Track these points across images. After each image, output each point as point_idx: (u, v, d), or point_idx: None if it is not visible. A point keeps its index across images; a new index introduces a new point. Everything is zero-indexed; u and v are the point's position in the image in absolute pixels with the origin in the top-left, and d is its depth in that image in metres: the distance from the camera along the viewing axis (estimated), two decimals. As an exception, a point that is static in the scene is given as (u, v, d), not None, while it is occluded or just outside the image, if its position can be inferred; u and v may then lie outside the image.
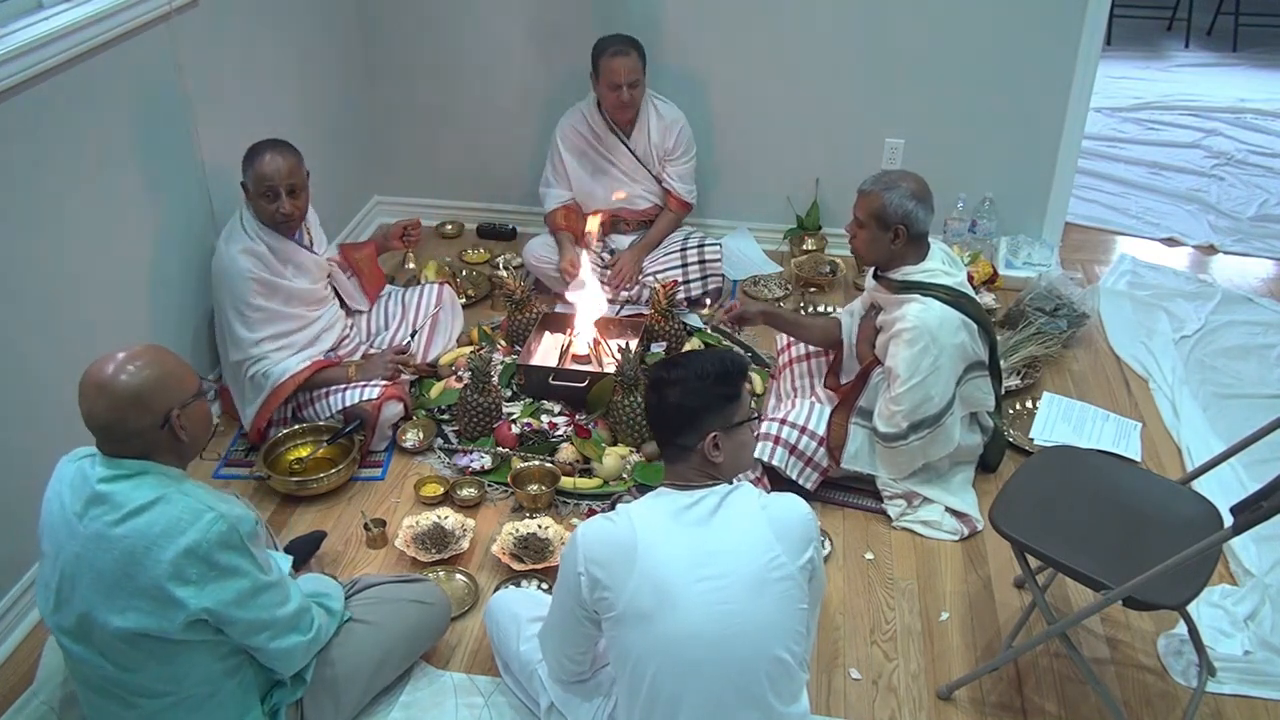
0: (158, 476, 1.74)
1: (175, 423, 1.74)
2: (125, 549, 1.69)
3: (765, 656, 1.70)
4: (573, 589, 1.75)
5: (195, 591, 1.71)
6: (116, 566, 1.70)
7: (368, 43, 3.89)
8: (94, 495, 1.72)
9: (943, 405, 2.58)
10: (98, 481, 1.72)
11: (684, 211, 3.64)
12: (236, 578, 1.74)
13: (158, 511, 1.70)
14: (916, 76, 3.66)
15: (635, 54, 3.33)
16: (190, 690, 1.81)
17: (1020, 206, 3.84)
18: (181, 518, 1.70)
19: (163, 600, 1.70)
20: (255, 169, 2.77)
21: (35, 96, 2.31)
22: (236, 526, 1.74)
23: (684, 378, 1.78)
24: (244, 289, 2.79)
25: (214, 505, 1.74)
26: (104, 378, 1.70)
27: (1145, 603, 1.90)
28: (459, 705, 2.18)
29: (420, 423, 3.00)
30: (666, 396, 1.79)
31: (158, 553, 1.69)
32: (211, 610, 1.73)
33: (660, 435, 1.84)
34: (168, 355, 1.79)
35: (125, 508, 1.70)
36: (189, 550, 1.69)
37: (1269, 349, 3.43)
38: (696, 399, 1.77)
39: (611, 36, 3.36)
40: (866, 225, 2.59)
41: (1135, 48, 6.30)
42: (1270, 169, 4.72)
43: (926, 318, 2.54)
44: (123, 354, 1.74)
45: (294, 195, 2.81)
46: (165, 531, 1.69)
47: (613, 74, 3.32)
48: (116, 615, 1.72)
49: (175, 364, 1.78)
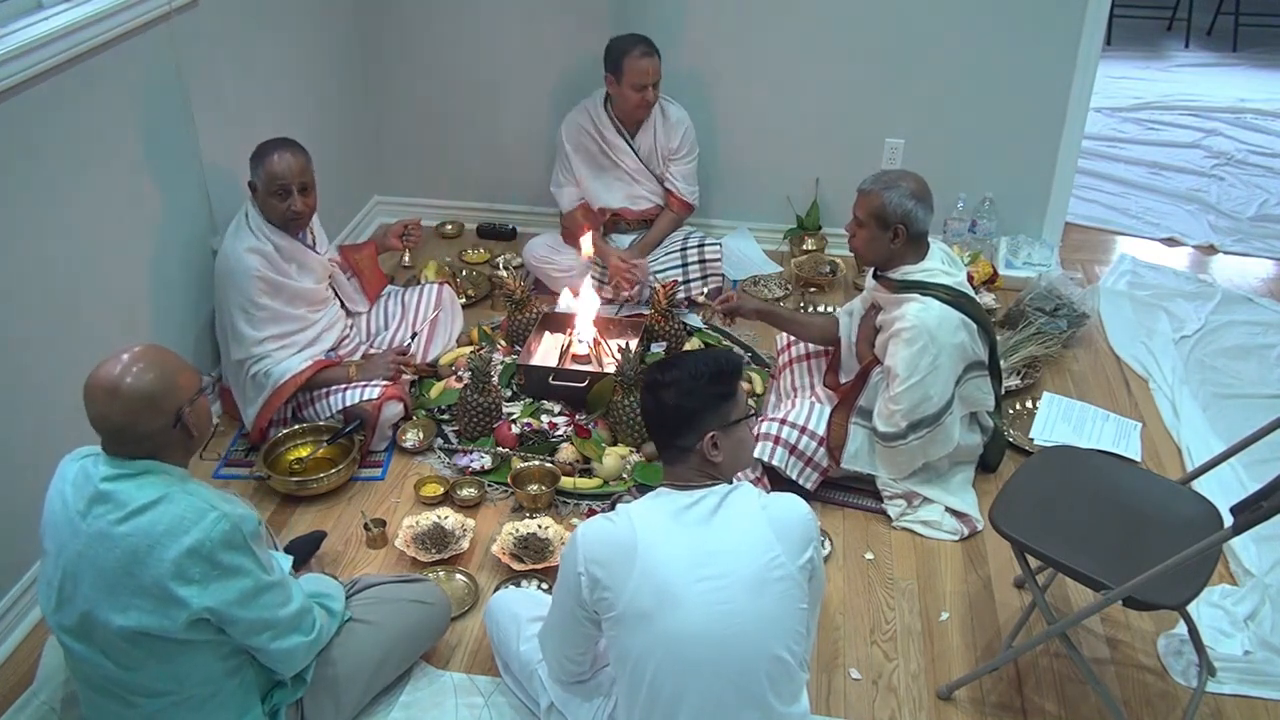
0: (161, 475, 1.74)
1: (187, 420, 1.75)
2: (128, 547, 1.69)
3: (765, 656, 1.70)
4: (573, 589, 1.75)
5: (198, 591, 1.71)
6: (119, 565, 1.70)
7: (367, 42, 3.89)
8: (97, 494, 1.72)
9: (941, 405, 2.58)
10: (101, 480, 1.72)
11: (685, 212, 3.64)
12: (239, 577, 1.74)
13: (161, 510, 1.70)
14: (916, 76, 3.66)
15: (657, 55, 3.34)
16: (191, 690, 1.81)
17: (1020, 206, 3.84)
18: (185, 516, 1.70)
19: (165, 599, 1.70)
20: (266, 168, 2.76)
21: (35, 96, 2.31)
22: (240, 526, 1.74)
23: (679, 379, 1.77)
24: (250, 287, 2.79)
25: (217, 504, 1.74)
26: (113, 382, 1.70)
27: (1145, 603, 1.90)
28: (459, 705, 2.18)
29: (420, 423, 3.00)
30: (663, 399, 1.78)
31: (161, 551, 1.69)
32: (214, 609, 1.73)
33: (658, 438, 1.83)
34: (168, 354, 1.79)
35: (128, 506, 1.70)
36: (192, 549, 1.69)
37: (1269, 349, 3.43)
38: (693, 400, 1.76)
39: (632, 37, 3.34)
40: (866, 224, 2.59)
41: (1135, 48, 6.30)
42: (1270, 169, 4.72)
43: (925, 317, 2.54)
44: (126, 356, 1.73)
45: (305, 193, 2.82)
46: (168, 530, 1.69)
47: (641, 75, 3.31)
48: (118, 614, 1.72)
49: (177, 362, 1.79)
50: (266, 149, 2.79)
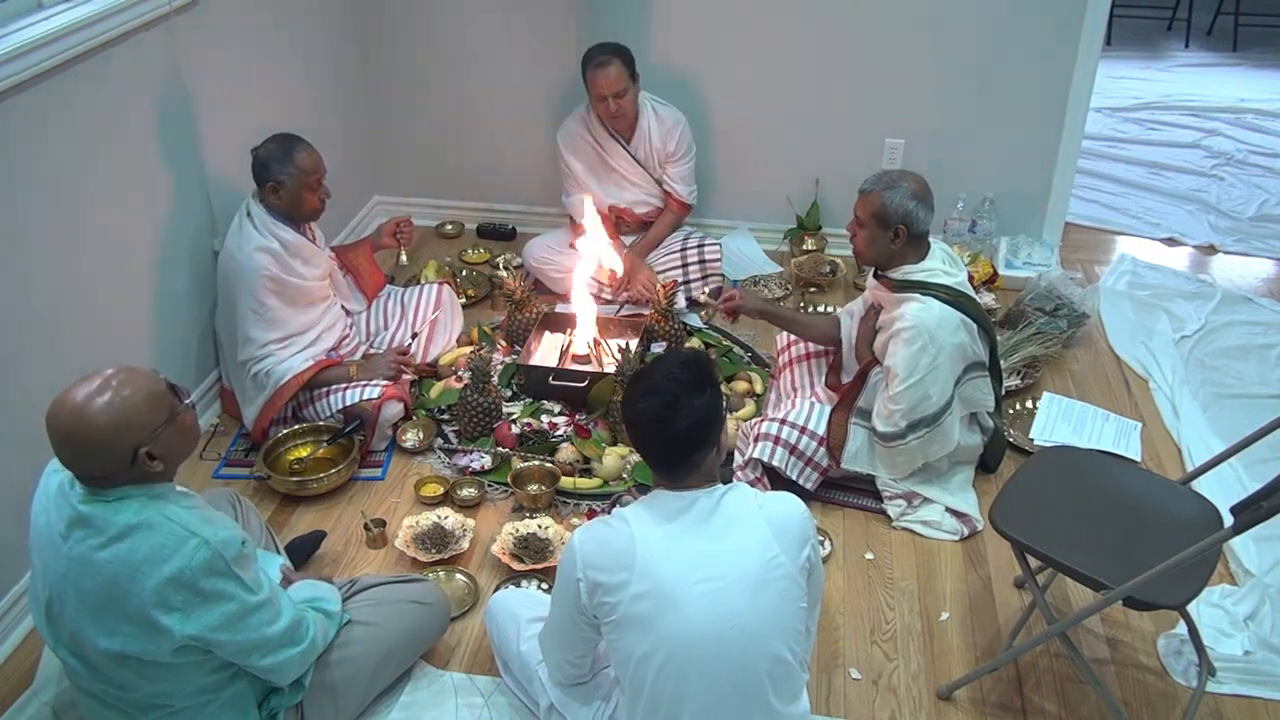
0: (138, 499, 1.70)
1: (143, 459, 1.67)
2: (109, 575, 1.66)
3: (766, 656, 1.70)
4: (571, 595, 1.75)
5: (180, 619, 1.68)
6: (102, 591, 1.67)
7: (367, 42, 3.89)
8: (76, 517, 1.68)
9: (941, 404, 2.58)
10: (79, 502, 1.68)
11: (683, 213, 3.64)
12: (223, 602, 1.71)
13: (140, 537, 1.67)
14: (916, 76, 3.66)
15: (618, 63, 3.26)
16: (182, 704, 1.81)
17: (1020, 206, 3.84)
18: (165, 544, 1.66)
19: (148, 627, 1.68)
20: (296, 163, 2.80)
21: (35, 96, 2.31)
22: (221, 552, 1.69)
23: (678, 401, 1.69)
24: (259, 287, 2.79)
25: (198, 530, 1.69)
26: (64, 425, 1.63)
27: (1145, 603, 1.90)
28: (459, 705, 2.18)
29: (420, 423, 3.00)
30: (675, 424, 1.69)
31: (142, 579, 1.66)
32: (197, 637, 1.70)
33: (673, 462, 1.74)
34: (134, 382, 1.68)
35: (108, 532, 1.66)
36: (173, 578, 1.66)
37: (1269, 349, 3.43)
38: (705, 412, 1.71)
39: (596, 46, 3.31)
40: (866, 224, 2.59)
41: (1135, 48, 6.29)
42: (1270, 169, 4.71)
43: (925, 317, 2.54)
44: (81, 393, 1.64)
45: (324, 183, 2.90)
46: (148, 558, 1.66)
47: (596, 87, 3.29)
48: (104, 637, 1.70)
49: (141, 393, 1.68)
50: (290, 146, 2.81)
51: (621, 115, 3.37)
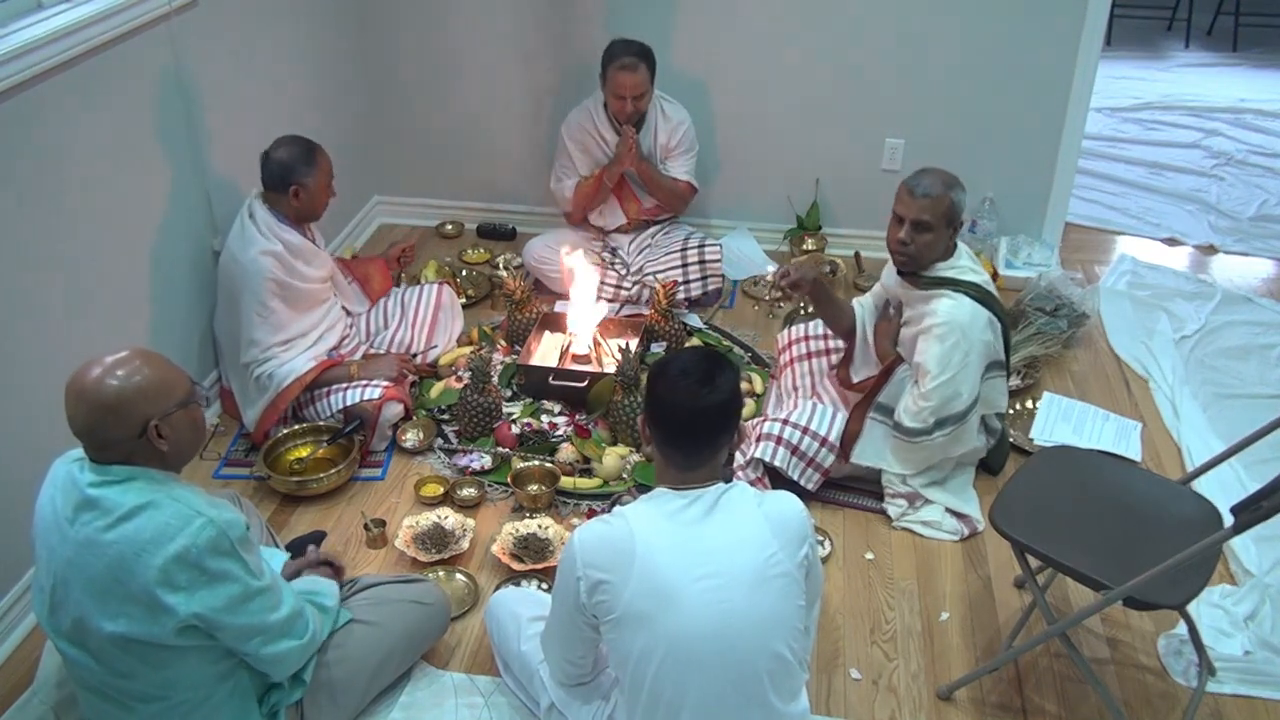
0: (146, 481, 1.72)
1: (152, 432, 1.70)
2: (115, 555, 1.68)
3: (766, 654, 1.70)
4: (571, 594, 1.75)
5: (185, 598, 1.69)
6: (107, 572, 1.69)
7: (368, 42, 3.89)
8: (83, 500, 1.71)
9: (969, 402, 2.56)
10: (87, 486, 1.71)
11: (688, 191, 3.58)
12: (227, 583, 1.73)
13: (147, 517, 1.69)
14: (916, 76, 3.66)
15: (644, 68, 3.30)
16: (183, 695, 1.81)
17: (1020, 206, 3.84)
18: (170, 523, 1.69)
19: (153, 606, 1.69)
20: (321, 166, 2.86)
21: (35, 96, 2.31)
22: (226, 531, 1.72)
23: (712, 377, 1.72)
24: (264, 290, 2.80)
25: (203, 510, 1.72)
26: (83, 384, 1.68)
27: (1145, 603, 1.90)
28: (459, 705, 2.18)
29: (420, 423, 3.00)
30: (710, 398, 1.71)
31: (147, 558, 1.67)
32: (201, 616, 1.71)
33: (697, 440, 1.74)
34: (155, 362, 1.74)
35: (115, 513, 1.69)
36: (178, 556, 1.68)
37: (1269, 349, 3.43)
38: (732, 392, 1.75)
39: (623, 45, 3.31)
40: (936, 227, 2.52)
41: (1135, 48, 6.29)
42: (1270, 169, 4.71)
43: (958, 313, 2.53)
44: (109, 359, 1.71)
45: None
46: (154, 538, 1.68)
47: (619, 87, 3.30)
48: (108, 620, 1.71)
49: (161, 372, 1.74)
50: (309, 148, 2.84)
51: (635, 115, 3.39)
